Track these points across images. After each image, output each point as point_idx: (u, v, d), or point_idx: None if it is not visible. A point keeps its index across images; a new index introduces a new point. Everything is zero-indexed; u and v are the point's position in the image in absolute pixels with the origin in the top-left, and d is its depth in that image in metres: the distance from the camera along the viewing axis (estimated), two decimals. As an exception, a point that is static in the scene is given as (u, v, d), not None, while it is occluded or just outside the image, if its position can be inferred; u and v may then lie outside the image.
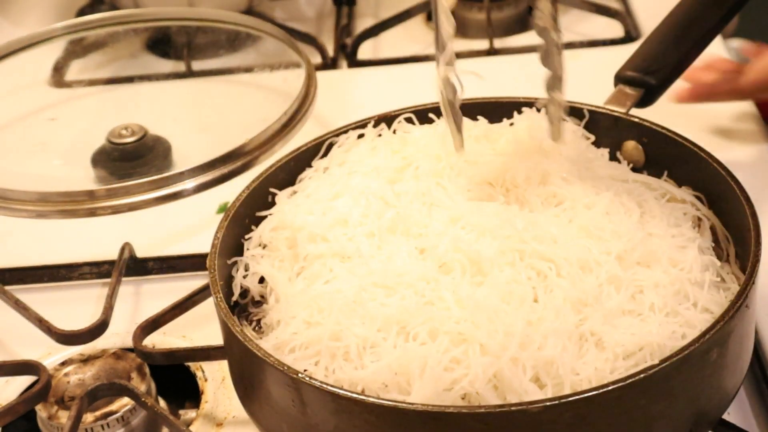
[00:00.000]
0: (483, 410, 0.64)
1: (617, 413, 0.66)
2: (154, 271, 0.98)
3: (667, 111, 0.95)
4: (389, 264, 0.74)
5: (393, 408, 0.65)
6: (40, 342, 0.89)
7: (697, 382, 0.68)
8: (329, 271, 0.75)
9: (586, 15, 1.31)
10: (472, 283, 0.72)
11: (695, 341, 0.67)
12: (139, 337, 0.83)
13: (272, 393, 0.70)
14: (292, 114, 1.05)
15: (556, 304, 0.70)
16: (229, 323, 0.72)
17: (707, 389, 0.70)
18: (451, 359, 0.68)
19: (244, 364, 0.73)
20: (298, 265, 0.78)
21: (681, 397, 0.68)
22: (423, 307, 0.70)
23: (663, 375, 0.65)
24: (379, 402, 0.66)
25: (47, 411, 0.81)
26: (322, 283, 0.75)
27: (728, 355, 0.70)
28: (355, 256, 0.75)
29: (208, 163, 1.00)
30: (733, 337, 0.69)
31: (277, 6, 1.43)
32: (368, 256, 0.75)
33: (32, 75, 1.29)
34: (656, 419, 0.67)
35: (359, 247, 0.76)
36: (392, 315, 0.70)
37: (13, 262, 1.00)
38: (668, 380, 0.66)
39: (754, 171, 1.02)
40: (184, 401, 0.89)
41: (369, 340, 0.70)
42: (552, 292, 0.71)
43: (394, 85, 1.23)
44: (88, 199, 0.99)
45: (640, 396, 0.66)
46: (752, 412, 0.80)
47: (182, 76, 1.29)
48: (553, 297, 0.71)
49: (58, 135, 1.19)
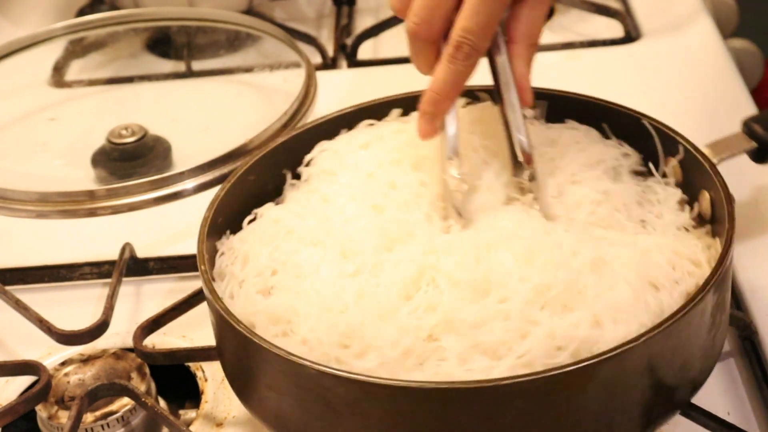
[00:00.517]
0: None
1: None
2: (155, 271, 0.98)
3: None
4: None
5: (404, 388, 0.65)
6: (40, 342, 0.89)
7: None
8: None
9: (586, 15, 1.31)
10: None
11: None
12: (140, 337, 0.83)
13: (275, 382, 0.70)
14: (292, 114, 1.05)
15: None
16: (226, 315, 0.71)
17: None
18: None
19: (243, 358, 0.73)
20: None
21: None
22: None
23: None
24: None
25: (47, 411, 0.81)
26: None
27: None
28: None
29: (208, 163, 1.00)
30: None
31: (277, 6, 1.43)
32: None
33: (32, 75, 1.28)
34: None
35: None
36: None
37: (13, 262, 1.00)
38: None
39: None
40: (184, 401, 0.89)
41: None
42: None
43: (394, 85, 1.23)
44: (88, 199, 0.99)
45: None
46: (752, 413, 0.80)
47: (182, 76, 1.29)
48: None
49: (58, 135, 1.19)
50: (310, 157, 0.86)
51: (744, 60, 1.43)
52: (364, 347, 0.69)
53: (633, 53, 1.24)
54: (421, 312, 0.70)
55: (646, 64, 1.22)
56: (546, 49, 1.24)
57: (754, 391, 0.82)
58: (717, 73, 1.19)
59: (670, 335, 0.67)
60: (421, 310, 0.70)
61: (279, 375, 0.69)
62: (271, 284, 0.76)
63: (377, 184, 0.81)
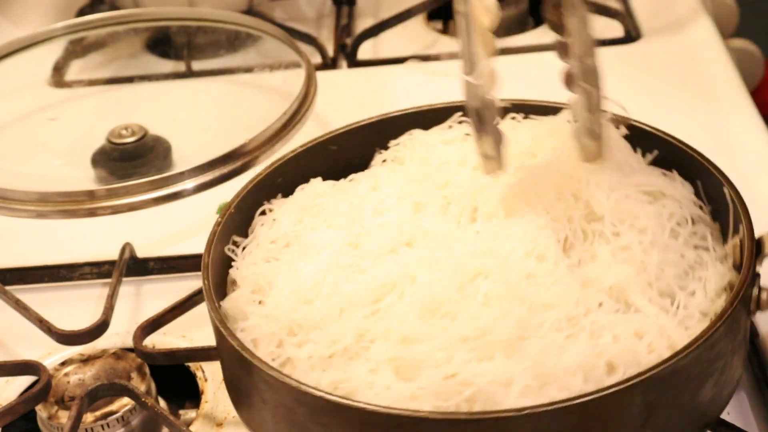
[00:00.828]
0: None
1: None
2: (155, 271, 0.98)
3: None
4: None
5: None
6: (40, 342, 0.89)
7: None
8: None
9: (586, 15, 1.31)
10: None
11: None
12: (140, 337, 0.83)
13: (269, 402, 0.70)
14: (292, 114, 1.05)
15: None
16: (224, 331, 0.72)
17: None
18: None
19: (237, 372, 0.73)
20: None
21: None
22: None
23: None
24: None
25: (47, 411, 0.81)
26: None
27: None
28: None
29: (208, 163, 1.00)
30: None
31: (277, 6, 1.43)
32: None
33: (32, 75, 1.29)
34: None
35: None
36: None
37: (13, 262, 1.00)
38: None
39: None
40: (184, 401, 0.89)
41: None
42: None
43: (394, 85, 1.23)
44: (88, 199, 0.99)
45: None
46: (752, 412, 0.80)
47: (182, 76, 1.29)
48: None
49: (58, 135, 1.19)
50: (396, 142, 0.87)
51: (744, 60, 1.43)
52: (305, 339, 0.71)
53: (633, 53, 1.24)
54: (375, 319, 0.71)
55: (646, 64, 1.22)
56: (546, 49, 1.24)
57: (754, 391, 0.82)
58: (717, 73, 1.19)
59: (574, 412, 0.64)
60: (377, 317, 0.71)
61: (266, 390, 0.70)
62: (277, 255, 0.79)
63: (430, 182, 0.81)
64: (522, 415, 0.63)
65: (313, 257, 0.77)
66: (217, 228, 0.80)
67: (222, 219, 0.81)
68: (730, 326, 0.68)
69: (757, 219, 0.76)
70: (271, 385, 0.68)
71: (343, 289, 0.73)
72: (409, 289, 0.72)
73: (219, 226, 0.80)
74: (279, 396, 0.68)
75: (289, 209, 0.82)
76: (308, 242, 0.79)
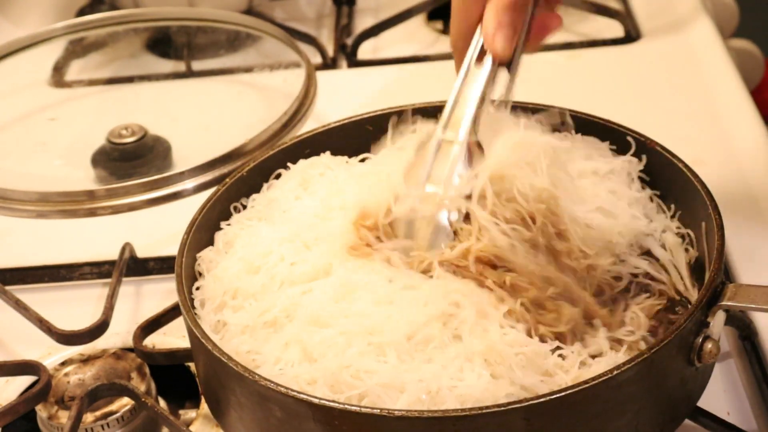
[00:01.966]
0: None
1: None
2: (155, 271, 0.98)
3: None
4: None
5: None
6: (40, 342, 0.89)
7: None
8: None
9: (586, 15, 1.31)
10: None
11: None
12: (140, 337, 0.83)
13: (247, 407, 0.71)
14: (292, 114, 1.05)
15: None
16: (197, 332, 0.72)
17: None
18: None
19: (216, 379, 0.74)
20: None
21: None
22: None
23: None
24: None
25: (47, 411, 0.81)
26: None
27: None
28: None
29: (208, 163, 1.00)
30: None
31: (277, 6, 1.43)
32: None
33: (32, 75, 1.29)
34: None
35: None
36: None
37: (13, 262, 1.00)
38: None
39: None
40: (184, 401, 0.89)
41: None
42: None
43: (394, 85, 1.23)
44: (88, 199, 0.99)
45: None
46: (752, 412, 0.80)
47: (182, 76, 1.29)
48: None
49: (58, 135, 1.19)
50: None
51: (744, 60, 1.44)
52: (240, 305, 0.75)
53: (633, 53, 1.24)
54: (304, 298, 0.73)
55: (646, 64, 1.22)
56: (546, 49, 1.24)
57: (754, 391, 0.82)
58: (717, 73, 1.19)
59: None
60: (306, 297, 0.73)
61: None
62: (261, 216, 0.83)
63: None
64: (397, 417, 0.64)
65: (278, 226, 0.80)
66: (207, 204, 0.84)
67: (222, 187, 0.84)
68: (646, 371, 0.66)
69: (758, 218, 0.76)
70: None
71: (287, 262, 0.76)
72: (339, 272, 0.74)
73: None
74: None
75: (291, 175, 0.85)
76: (289, 209, 0.82)
